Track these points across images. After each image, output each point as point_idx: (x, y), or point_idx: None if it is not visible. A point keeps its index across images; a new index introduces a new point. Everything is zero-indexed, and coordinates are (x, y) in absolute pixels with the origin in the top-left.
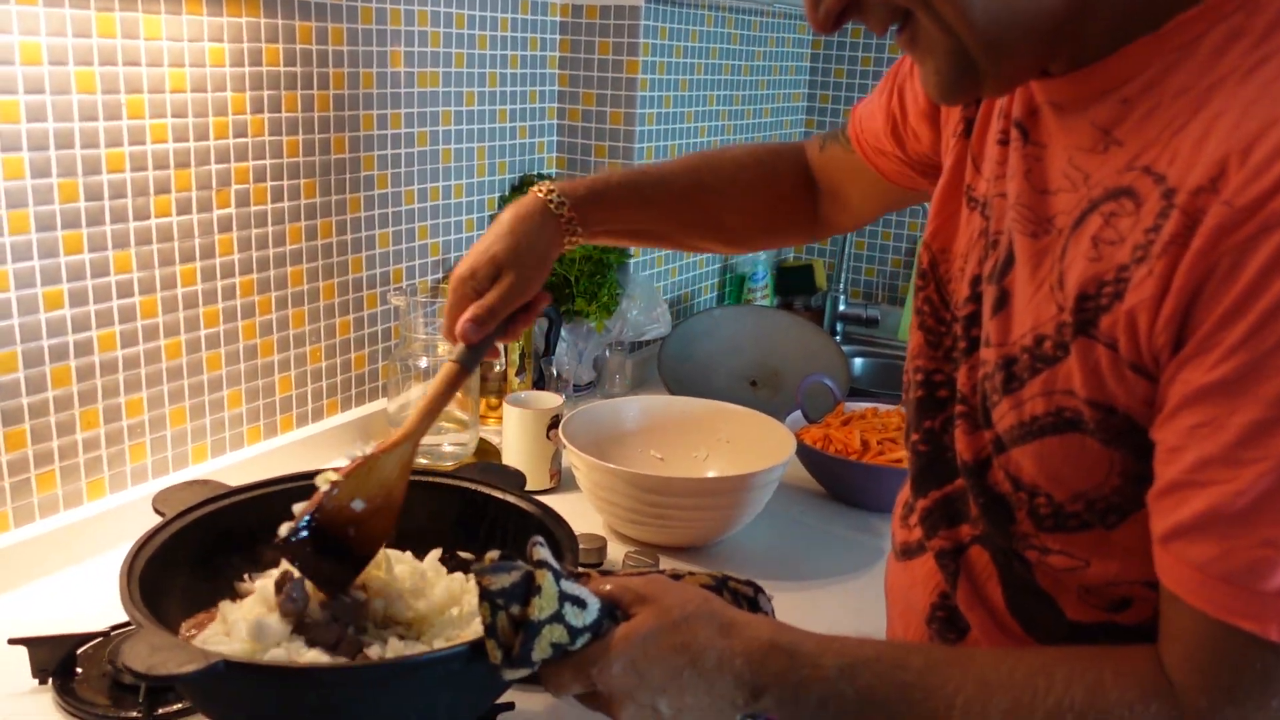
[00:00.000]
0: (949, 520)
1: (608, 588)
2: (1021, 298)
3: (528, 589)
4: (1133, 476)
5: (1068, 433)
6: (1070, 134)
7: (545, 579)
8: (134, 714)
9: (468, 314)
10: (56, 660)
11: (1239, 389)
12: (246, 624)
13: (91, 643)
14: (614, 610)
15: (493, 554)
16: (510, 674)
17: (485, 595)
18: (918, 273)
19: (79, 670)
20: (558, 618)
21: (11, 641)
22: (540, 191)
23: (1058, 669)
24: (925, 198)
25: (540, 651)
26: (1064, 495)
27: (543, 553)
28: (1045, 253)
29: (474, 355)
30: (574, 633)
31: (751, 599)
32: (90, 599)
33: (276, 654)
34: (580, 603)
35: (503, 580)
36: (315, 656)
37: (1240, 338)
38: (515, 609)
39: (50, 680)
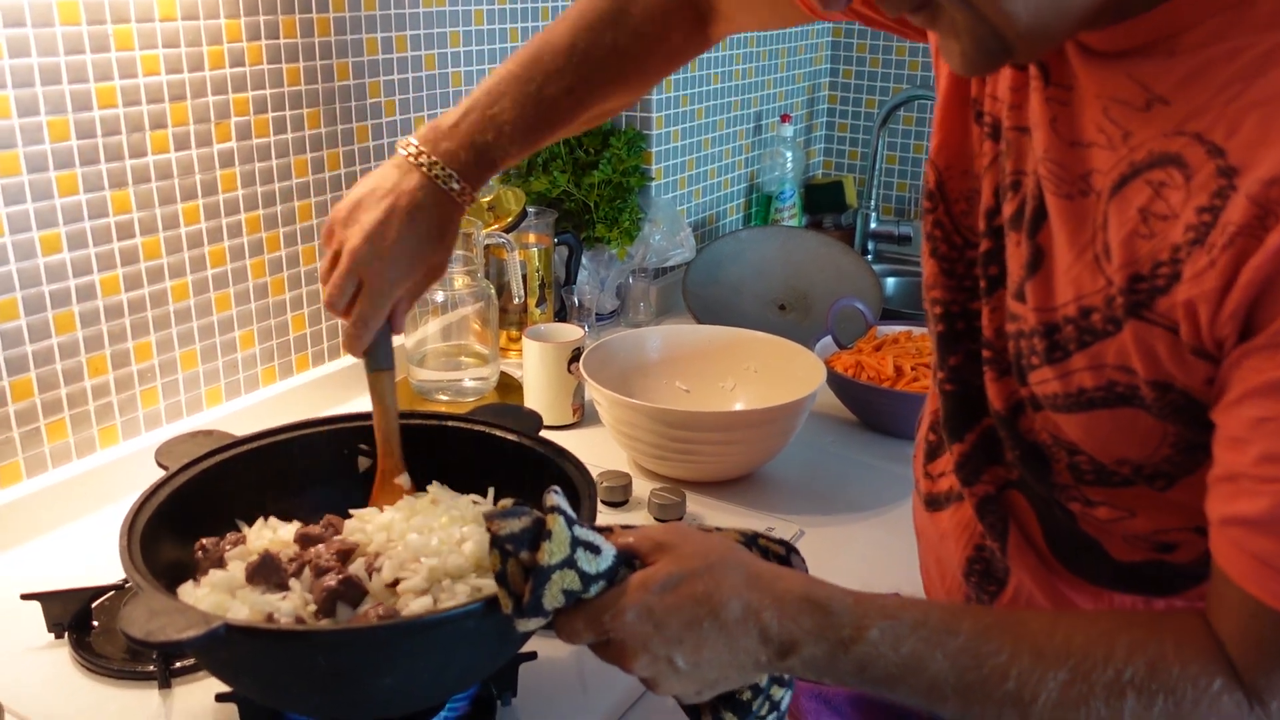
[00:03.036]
0: (990, 459)
1: (630, 540)
2: (1062, 262)
3: (538, 534)
4: (1186, 447)
5: (1120, 407)
6: (1103, 81)
7: (556, 524)
8: (150, 668)
9: (398, 320)
10: (71, 614)
11: None
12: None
13: (106, 596)
14: (631, 559)
15: (506, 501)
16: (522, 624)
17: (495, 541)
18: (924, 194)
19: (95, 624)
20: (569, 563)
21: (24, 597)
22: (423, 166)
23: (1117, 639)
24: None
25: (552, 599)
26: (1109, 459)
27: (556, 499)
28: (1085, 217)
29: (386, 354)
30: (587, 579)
31: (783, 558)
32: (106, 549)
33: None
34: (594, 548)
35: (512, 525)
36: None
37: None
38: (525, 555)
39: (66, 634)
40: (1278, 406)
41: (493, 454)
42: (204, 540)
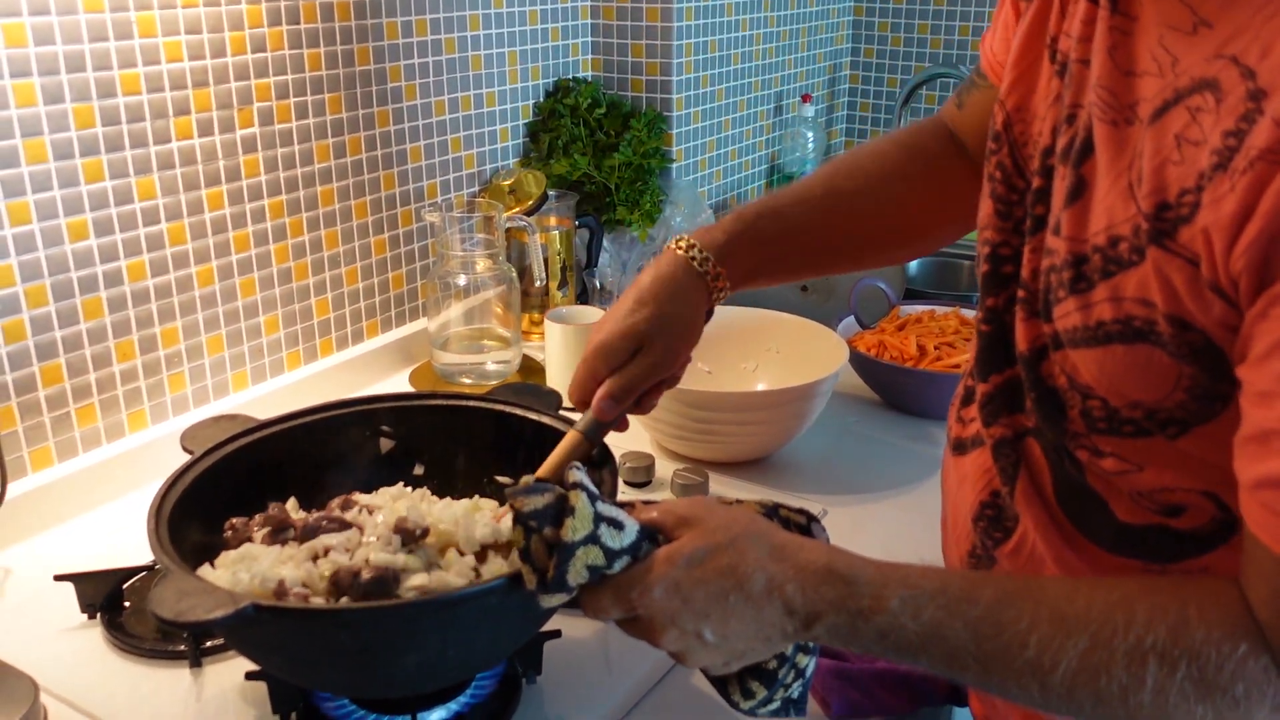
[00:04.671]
0: (1010, 407)
1: (653, 514)
2: (1099, 191)
3: (561, 510)
4: (1201, 394)
5: (1135, 343)
6: (1159, 8)
7: (579, 500)
8: (181, 647)
9: (605, 390)
10: (103, 595)
11: None
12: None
13: (137, 577)
14: (654, 533)
15: (528, 477)
16: (546, 600)
17: (518, 518)
18: (990, 135)
19: (126, 604)
20: (593, 539)
21: (57, 578)
22: (680, 249)
23: (1138, 604)
24: None
25: (575, 575)
26: (1120, 402)
27: (578, 475)
28: (1126, 144)
29: (602, 430)
30: (610, 555)
31: (804, 527)
32: (136, 531)
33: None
34: (617, 524)
35: (535, 502)
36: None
37: None
38: (548, 531)
39: (98, 615)
40: None
41: (513, 433)
42: (234, 520)
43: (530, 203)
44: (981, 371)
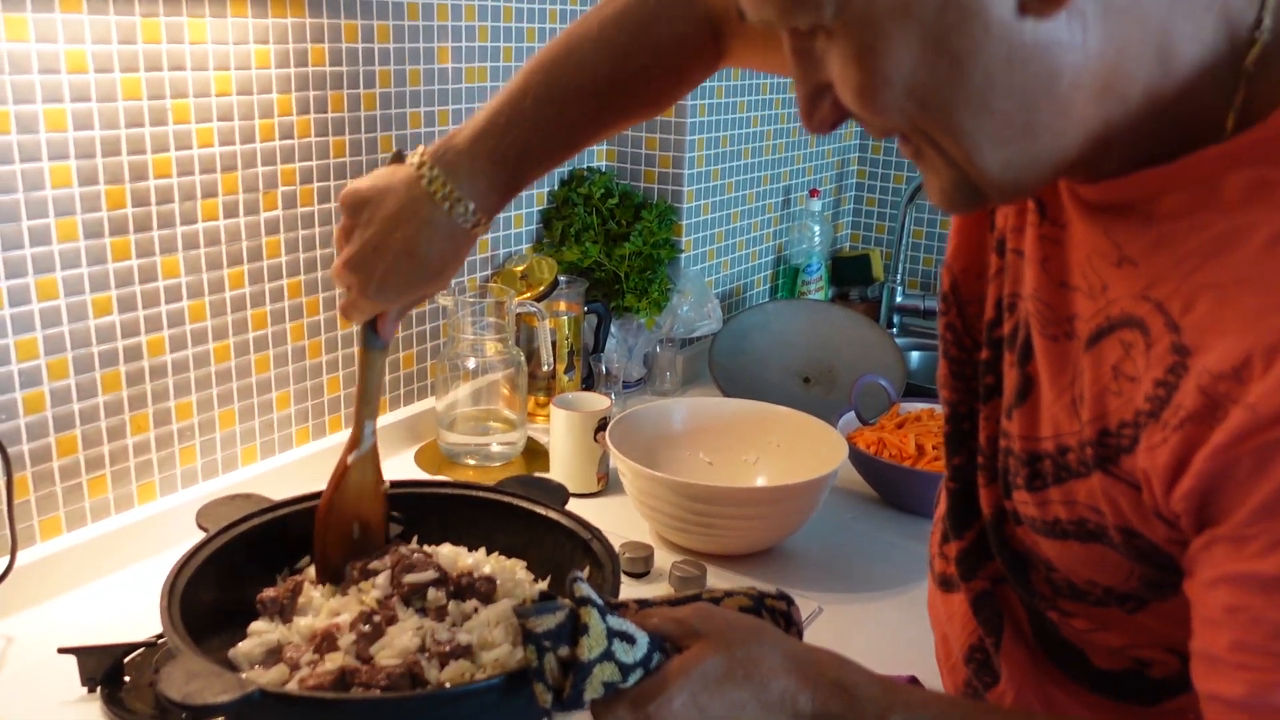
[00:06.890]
0: (984, 559)
1: (654, 621)
2: (1046, 398)
3: (574, 628)
4: (1152, 583)
5: (1090, 542)
6: (1086, 230)
7: (591, 617)
8: None
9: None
10: (104, 669)
11: (1276, 585)
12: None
13: (138, 651)
14: (662, 643)
15: (530, 593)
16: (561, 716)
17: (530, 638)
18: (940, 296)
19: (126, 679)
20: (608, 655)
21: (61, 651)
22: (436, 195)
23: None
24: None
25: (592, 691)
26: (1080, 581)
27: (584, 589)
28: (1066, 360)
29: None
30: (625, 670)
31: (786, 614)
32: (140, 604)
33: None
34: (629, 638)
35: (547, 622)
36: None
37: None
38: (564, 651)
39: (98, 689)
40: (1247, 598)
41: (520, 524)
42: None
43: (541, 288)
44: (956, 528)
